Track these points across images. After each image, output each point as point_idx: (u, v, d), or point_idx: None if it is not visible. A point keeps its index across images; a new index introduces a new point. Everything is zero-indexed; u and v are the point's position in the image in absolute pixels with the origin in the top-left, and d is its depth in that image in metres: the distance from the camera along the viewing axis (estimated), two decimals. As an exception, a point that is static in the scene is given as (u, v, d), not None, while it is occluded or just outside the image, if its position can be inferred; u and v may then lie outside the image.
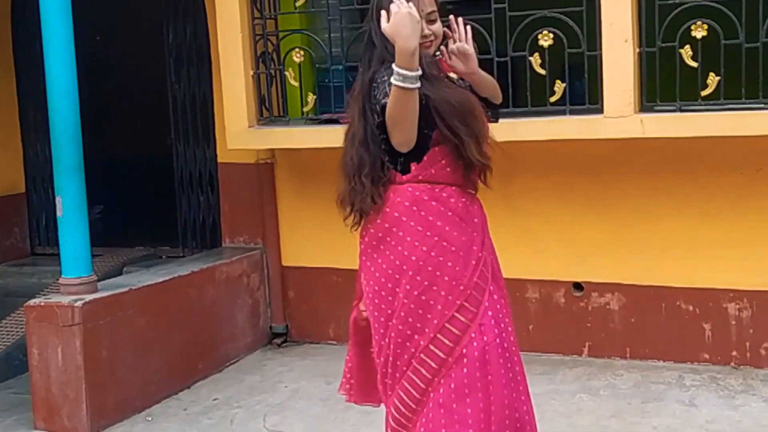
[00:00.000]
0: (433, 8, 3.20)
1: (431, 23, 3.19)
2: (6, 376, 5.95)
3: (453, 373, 3.08)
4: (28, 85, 7.31)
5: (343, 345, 6.08)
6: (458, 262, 3.10)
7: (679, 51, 4.93)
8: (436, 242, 3.09)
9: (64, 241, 5.18)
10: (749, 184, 5.23)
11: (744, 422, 4.65)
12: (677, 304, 5.45)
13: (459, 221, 3.13)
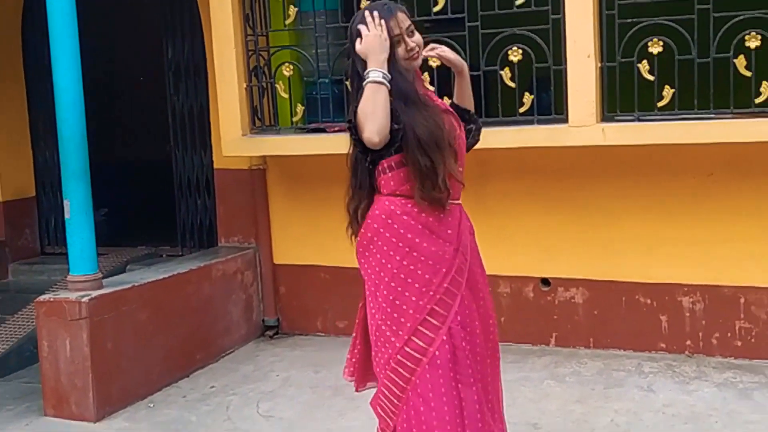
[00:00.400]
0: (409, 22, 3.19)
1: (411, 35, 3.18)
2: (18, 367, 5.93)
3: (428, 374, 3.11)
4: (38, 96, 7.29)
5: (330, 336, 6.12)
6: (428, 270, 3.13)
7: (637, 65, 4.94)
8: (407, 252, 3.13)
9: (71, 241, 5.16)
10: (702, 187, 5.25)
11: (697, 406, 4.67)
12: (636, 298, 5.46)
13: (429, 233, 3.15)
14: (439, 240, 3.16)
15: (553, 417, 4.63)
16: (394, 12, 3.15)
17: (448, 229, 3.19)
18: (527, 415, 4.64)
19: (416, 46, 3.19)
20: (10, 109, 7.31)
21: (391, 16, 3.13)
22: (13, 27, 7.32)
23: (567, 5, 4.95)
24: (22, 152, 7.40)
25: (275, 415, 4.92)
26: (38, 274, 7.09)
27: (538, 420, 4.59)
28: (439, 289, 3.12)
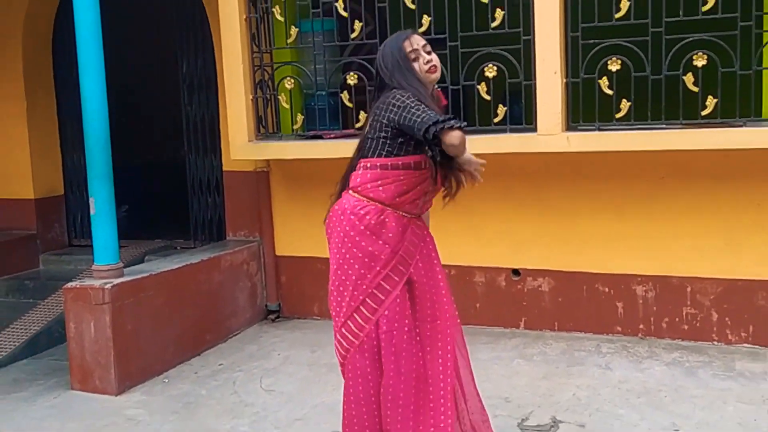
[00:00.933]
0: (424, 42, 3.30)
1: (429, 53, 3.29)
2: (47, 346, 5.93)
3: (357, 356, 3.24)
4: (66, 106, 7.29)
5: (326, 320, 6.11)
6: (363, 266, 3.20)
7: (598, 81, 4.96)
8: (349, 248, 3.22)
9: (95, 234, 5.17)
10: (654, 189, 5.28)
11: (649, 382, 4.70)
12: (596, 287, 5.49)
13: (369, 234, 3.21)
14: (379, 241, 3.22)
15: (522, 391, 4.65)
16: (409, 35, 3.30)
17: (389, 232, 3.23)
18: (499, 390, 4.66)
19: (432, 61, 3.27)
20: (42, 117, 7.30)
21: (407, 37, 3.27)
22: (45, 45, 7.31)
23: (536, 28, 4.96)
24: (52, 155, 7.40)
25: (276, 390, 4.93)
26: (66, 264, 7.08)
27: (509, 394, 4.61)
28: (372, 284, 3.20)
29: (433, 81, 3.34)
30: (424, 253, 3.38)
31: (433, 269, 3.42)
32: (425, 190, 3.31)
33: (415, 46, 3.27)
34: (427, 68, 3.26)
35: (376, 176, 3.23)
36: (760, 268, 5.09)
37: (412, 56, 3.26)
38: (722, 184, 5.12)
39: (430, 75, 3.28)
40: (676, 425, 4.15)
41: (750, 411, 4.26)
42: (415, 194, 3.28)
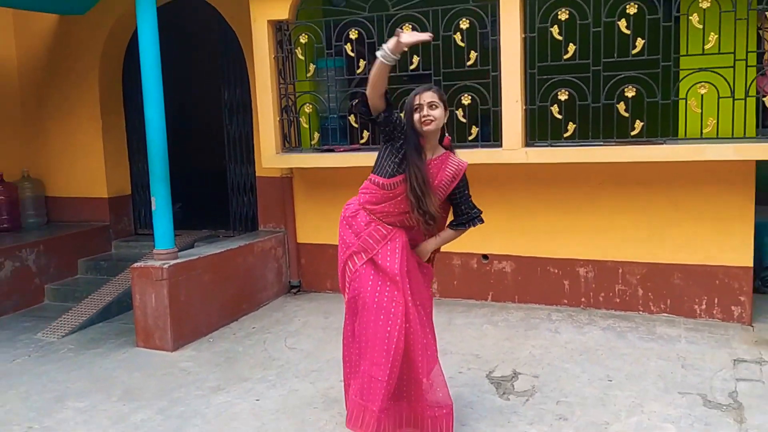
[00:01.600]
0: (434, 99, 3.24)
1: (432, 108, 3.22)
2: (118, 312, 5.93)
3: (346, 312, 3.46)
4: (133, 125, 7.27)
5: (335, 293, 6.12)
6: (342, 247, 3.42)
7: (550, 108, 4.96)
8: (340, 235, 3.43)
9: (156, 225, 5.18)
10: (594, 192, 5.29)
11: (589, 343, 4.72)
12: (547, 268, 5.50)
13: (348, 228, 3.38)
14: (351, 233, 3.37)
15: (489, 350, 4.66)
16: (422, 91, 3.26)
17: (360, 231, 3.35)
18: (471, 348, 4.69)
19: (431, 116, 3.22)
20: (114, 134, 7.29)
21: (420, 93, 3.25)
22: (116, 77, 7.30)
23: (502, 66, 4.97)
24: (122, 163, 7.38)
25: (297, 347, 4.94)
26: (132, 249, 7.08)
27: (479, 352, 4.64)
28: (343, 258, 3.40)
29: (427, 132, 3.25)
30: (388, 247, 3.31)
31: (394, 260, 3.30)
32: (399, 209, 3.29)
33: (421, 101, 3.22)
34: (421, 121, 3.22)
35: (363, 186, 3.38)
36: (676, 254, 5.10)
37: (416, 108, 3.24)
38: (647, 189, 5.13)
39: (423, 126, 3.23)
40: (609, 376, 4.17)
41: (667, 365, 4.28)
42: (386, 207, 3.30)
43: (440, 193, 3.36)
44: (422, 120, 3.22)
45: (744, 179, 4.86)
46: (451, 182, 3.40)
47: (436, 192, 3.32)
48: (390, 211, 3.31)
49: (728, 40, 4.56)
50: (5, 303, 6.15)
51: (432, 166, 3.32)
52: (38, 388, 4.42)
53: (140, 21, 4.94)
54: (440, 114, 3.25)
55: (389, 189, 3.26)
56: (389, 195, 3.27)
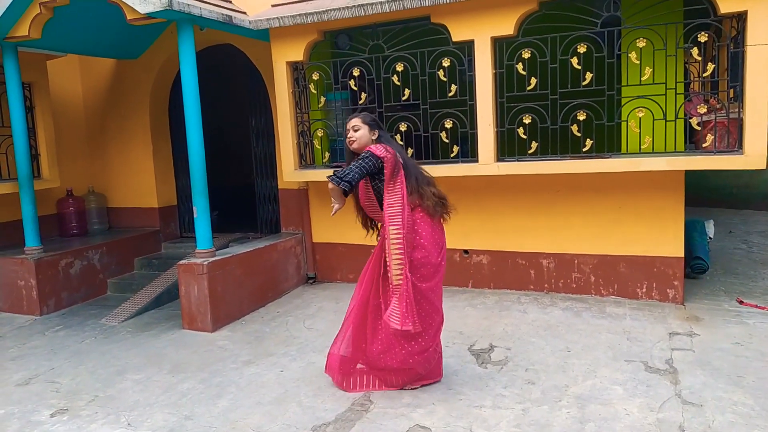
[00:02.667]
0: (357, 123, 3.42)
1: (356, 131, 3.43)
2: (167, 301, 5.93)
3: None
4: (177, 147, 7.26)
5: (344, 283, 6.12)
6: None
7: (517, 130, 4.97)
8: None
9: (197, 229, 5.17)
10: (553, 198, 5.29)
11: (551, 320, 4.72)
12: (517, 260, 5.49)
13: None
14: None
15: (470, 327, 4.66)
16: (351, 118, 3.48)
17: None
18: (455, 327, 4.67)
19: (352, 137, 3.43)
20: (162, 156, 7.28)
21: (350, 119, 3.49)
22: (163, 109, 7.30)
23: (477, 96, 4.97)
24: (169, 180, 7.38)
25: (314, 328, 4.93)
26: (178, 249, 7.07)
27: (462, 329, 4.63)
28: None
29: (355, 149, 3.45)
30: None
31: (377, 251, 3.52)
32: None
33: (348, 126, 3.45)
34: (346, 141, 3.47)
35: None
36: (621, 247, 5.10)
37: (347, 132, 3.46)
38: (597, 194, 5.13)
39: (349, 146, 3.46)
40: (568, 348, 4.17)
41: (615, 338, 4.28)
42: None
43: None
44: (348, 140, 3.43)
45: (675, 186, 4.86)
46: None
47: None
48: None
49: (660, 73, 4.57)
50: (75, 295, 6.14)
51: None
52: (103, 364, 4.42)
53: (183, 63, 4.93)
54: (361, 134, 3.41)
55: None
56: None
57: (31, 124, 6.42)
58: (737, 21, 4.33)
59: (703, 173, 8.75)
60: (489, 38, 4.83)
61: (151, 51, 6.95)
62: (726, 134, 4.45)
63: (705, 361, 3.83)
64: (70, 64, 7.23)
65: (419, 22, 5.13)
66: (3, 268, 5.87)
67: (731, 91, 4.51)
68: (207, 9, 5.01)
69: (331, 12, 5.17)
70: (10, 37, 5.42)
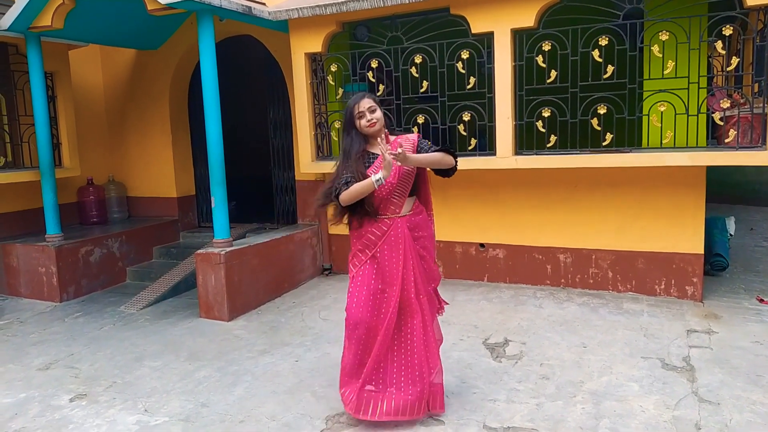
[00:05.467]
0: (371, 104, 3.05)
1: (372, 112, 3.05)
2: (185, 289, 5.99)
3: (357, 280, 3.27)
4: (196, 138, 7.31)
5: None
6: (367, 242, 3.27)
7: (536, 123, 4.92)
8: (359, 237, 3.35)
9: (215, 220, 5.20)
10: (571, 192, 5.24)
11: (567, 316, 4.68)
12: (533, 255, 5.46)
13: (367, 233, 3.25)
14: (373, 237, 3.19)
15: (486, 321, 4.65)
16: (359, 100, 3.07)
17: (378, 231, 3.18)
18: (470, 320, 4.67)
19: (374, 119, 3.04)
20: (181, 146, 7.34)
21: (357, 102, 3.06)
22: (183, 100, 7.35)
23: (496, 89, 4.93)
24: (188, 170, 7.43)
25: (329, 319, 4.95)
26: (196, 238, 7.14)
27: (477, 323, 4.62)
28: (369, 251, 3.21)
29: (373, 133, 3.06)
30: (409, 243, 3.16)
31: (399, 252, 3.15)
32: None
33: (361, 108, 3.03)
34: (367, 125, 3.04)
35: None
36: (639, 243, 5.05)
37: (358, 115, 3.06)
38: (615, 190, 5.08)
39: (369, 129, 3.05)
40: (584, 344, 4.14)
41: (632, 335, 4.24)
42: None
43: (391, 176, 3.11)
44: (368, 125, 3.03)
45: (696, 182, 4.79)
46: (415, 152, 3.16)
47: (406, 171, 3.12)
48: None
49: (683, 66, 4.50)
50: (95, 282, 6.23)
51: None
52: (121, 350, 4.48)
53: (202, 54, 4.96)
54: (380, 115, 3.06)
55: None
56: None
57: (53, 113, 6.50)
58: (764, 14, 4.24)
59: (725, 169, 8.61)
60: (509, 30, 4.79)
61: (171, 42, 6.98)
62: (749, 129, 4.37)
63: (723, 359, 3.77)
64: (91, 54, 7.30)
65: (438, 14, 5.09)
66: (25, 255, 5.98)
67: (756, 86, 4.42)
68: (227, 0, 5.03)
69: (351, 3, 5.15)
70: (34, 27, 5.49)
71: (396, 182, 3.12)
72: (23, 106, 6.29)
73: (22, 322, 5.31)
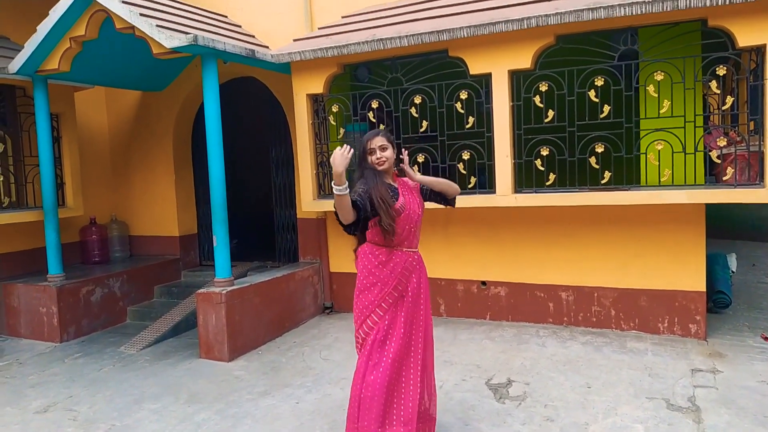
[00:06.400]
0: (383, 142, 3.09)
1: (383, 150, 3.09)
2: (186, 329, 5.95)
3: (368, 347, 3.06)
4: (199, 177, 7.38)
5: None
6: (377, 285, 3.06)
7: (534, 162, 4.96)
8: (367, 275, 3.11)
9: (216, 258, 5.20)
10: (572, 229, 5.25)
11: (571, 355, 4.63)
12: (535, 292, 5.44)
13: (382, 266, 3.07)
14: (386, 270, 3.07)
15: (488, 361, 4.60)
16: (373, 136, 3.12)
17: (392, 263, 3.08)
18: (473, 359, 4.63)
19: (383, 157, 3.08)
20: (184, 185, 7.40)
21: (370, 139, 3.11)
22: (186, 139, 7.44)
23: (495, 128, 4.98)
24: (190, 208, 7.47)
25: (330, 359, 4.91)
26: (198, 277, 7.13)
27: (479, 363, 4.57)
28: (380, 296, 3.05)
29: (384, 170, 3.09)
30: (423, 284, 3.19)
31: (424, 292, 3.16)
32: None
33: (373, 145, 3.08)
34: (376, 161, 3.07)
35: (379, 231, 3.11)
36: (641, 281, 5.03)
37: (369, 152, 3.10)
38: (616, 227, 5.09)
39: (378, 166, 3.08)
40: (588, 384, 4.09)
41: (637, 374, 4.19)
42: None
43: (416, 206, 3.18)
44: (377, 162, 3.09)
45: (696, 219, 4.81)
46: (419, 194, 3.25)
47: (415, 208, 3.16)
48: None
49: (679, 105, 4.56)
50: (95, 322, 6.20)
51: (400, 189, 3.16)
52: (120, 392, 4.43)
53: (206, 96, 5.04)
54: (390, 154, 3.10)
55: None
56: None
57: (58, 153, 6.58)
58: (756, 54, 4.32)
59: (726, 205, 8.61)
60: (506, 71, 4.87)
61: (175, 83, 7.11)
62: (747, 167, 4.41)
63: (729, 399, 3.72)
64: (96, 95, 7.44)
65: (437, 56, 5.19)
66: (25, 295, 5.97)
67: (751, 124, 4.47)
68: (231, 44, 5.14)
69: (351, 46, 5.26)
70: (41, 71, 5.61)
71: (421, 213, 3.20)
72: (28, 147, 6.38)
73: (21, 363, 5.27)
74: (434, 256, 5.52)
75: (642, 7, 4.26)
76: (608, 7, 4.35)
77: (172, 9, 5.45)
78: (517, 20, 4.64)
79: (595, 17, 4.41)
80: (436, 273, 5.64)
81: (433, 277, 5.15)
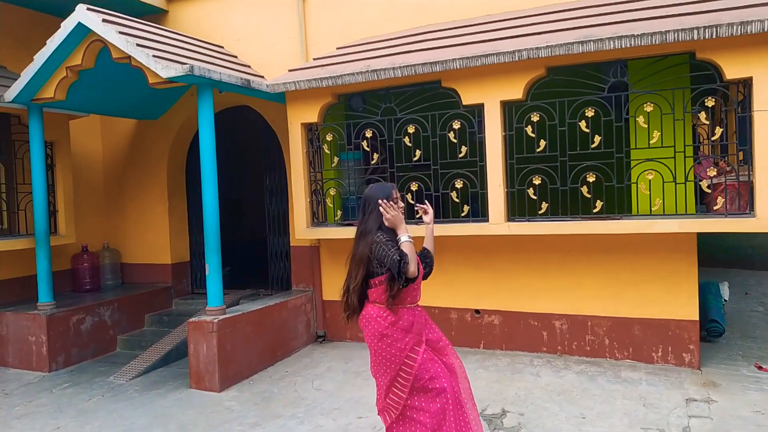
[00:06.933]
0: (396, 196, 3.12)
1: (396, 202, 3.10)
2: (176, 359, 5.89)
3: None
4: (192, 205, 7.39)
5: (354, 342, 6.04)
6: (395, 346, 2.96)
7: (527, 191, 4.99)
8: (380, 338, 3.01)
9: (209, 286, 5.19)
10: (565, 258, 5.27)
11: (565, 385, 4.61)
12: (529, 321, 5.42)
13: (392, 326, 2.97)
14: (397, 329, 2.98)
15: (481, 391, 4.56)
16: (393, 188, 3.15)
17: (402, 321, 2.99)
18: (467, 390, 4.58)
19: (402, 208, 3.16)
20: (177, 213, 7.39)
21: (392, 190, 3.13)
22: (180, 167, 7.46)
23: (487, 157, 5.02)
24: (183, 236, 7.45)
25: (322, 389, 4.86)
26: (189, 305, 7.07)
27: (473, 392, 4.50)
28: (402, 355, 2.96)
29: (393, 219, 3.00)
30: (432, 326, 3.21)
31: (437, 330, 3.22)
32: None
33: (395, 196, 3.11)
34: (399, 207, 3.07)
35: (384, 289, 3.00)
36: (635, 309, 5.03)
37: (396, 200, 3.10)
38: (608, 255, 5.11)
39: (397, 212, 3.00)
40: (583, 414, 4.06)
41: (631, 404, 4.16)
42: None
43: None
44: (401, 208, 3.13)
45: (688, 247, 4.84)
46: None
47: None
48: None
49: (669, 136, 4.62)
50: (85, 351, 6.12)
51: None
52: (109, 423, 4.36)
53: (201, 125, 5.08)
54: (402, 206, 3.23)
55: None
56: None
57: (51, 181, 6.57)
58: (743, 86, 4.41)
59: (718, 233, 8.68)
60: (498, 102, 4.93)
61: (170, 112, 7.16)
62: (737, 197, 4.46)
63: (723, 429, 3.70)
64: (92, 123, 7.47)
65: (430, 86, 5.26)
66: (15, 324, 5.90)
67: (740, 154, 4.53)
68: (227, 74, 5.20)
69: (346, 77, 5.33)
70: (37, 99, 5.64)
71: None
72: (22, 175, 6.37)
73: (8, 393, 5.18)
74: (427, 284, 5.49)
75: (631, 41, 4.35)
76: (598, 40, 4.44)
77: (169, 39, 5.52)
78: (509, 52, 4.72)
79: (585, 50, 4.49)
80: (430, 301, 5.62)
81: (427, 305, 5.14)
